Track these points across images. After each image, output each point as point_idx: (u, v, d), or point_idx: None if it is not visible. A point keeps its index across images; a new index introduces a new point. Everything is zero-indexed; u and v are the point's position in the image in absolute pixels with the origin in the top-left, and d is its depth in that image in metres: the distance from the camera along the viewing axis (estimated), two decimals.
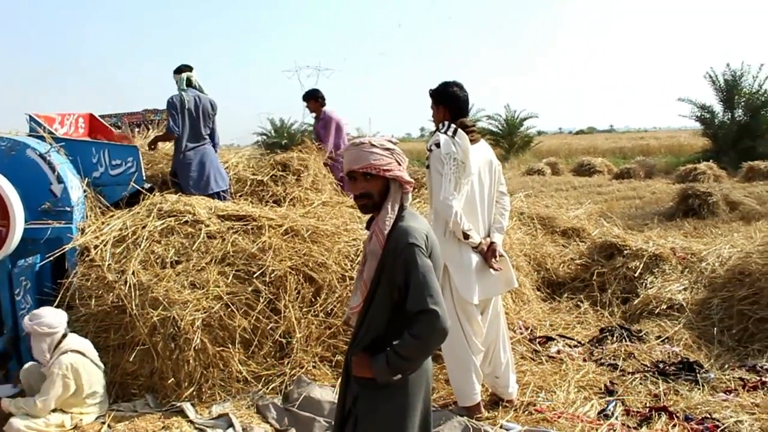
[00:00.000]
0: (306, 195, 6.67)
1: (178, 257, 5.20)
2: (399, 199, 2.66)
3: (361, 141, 2.69)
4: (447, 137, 4.20)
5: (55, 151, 5.67)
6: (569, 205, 10.60)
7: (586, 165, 25.07)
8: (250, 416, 4.55)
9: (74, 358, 4.44)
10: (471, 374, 4.35)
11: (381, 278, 2.60)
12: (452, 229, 4.20)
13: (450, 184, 4.13)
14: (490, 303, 4.52)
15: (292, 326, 4.99)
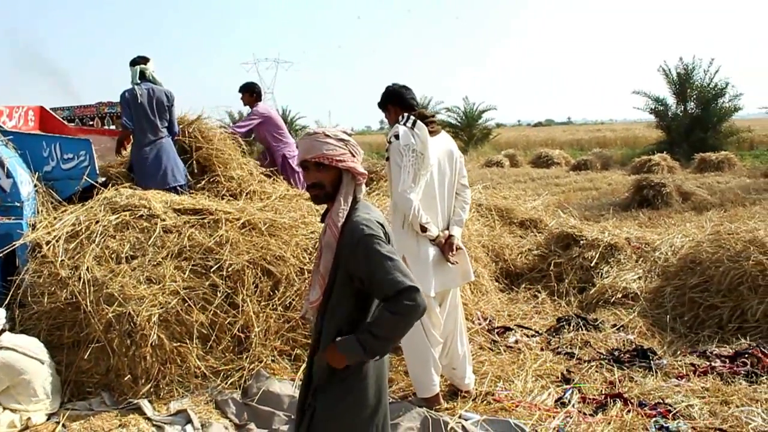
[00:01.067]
0: (263, 188, 6.61)
1: (133, 252, 5.10)
2: (352, 191, 2.65)
3: (315, 131, 2.68)
4: (406, 129, 4.22)
5: (3, 145, 5.56)
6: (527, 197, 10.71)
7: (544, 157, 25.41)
8: (209, 412, 4.50)
9: (3, 355, 4.36)
10: (429, 366, 4.37)
11: (338, 271, 2.59)
12: (410, 221, 4.21)
13: (408, 176, 4.14)
14: (448, 295, 4.54)
15: (251, 320, 4.95)
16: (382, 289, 2.46)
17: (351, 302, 2.60)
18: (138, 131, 6.35)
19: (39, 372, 4.47)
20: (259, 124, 7.94)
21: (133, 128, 6.38)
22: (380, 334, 2.44)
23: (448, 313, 4.54)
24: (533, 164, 25.01)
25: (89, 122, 9.11)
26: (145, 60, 6.47)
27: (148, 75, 6.43)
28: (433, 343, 4.39)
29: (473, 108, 35.90)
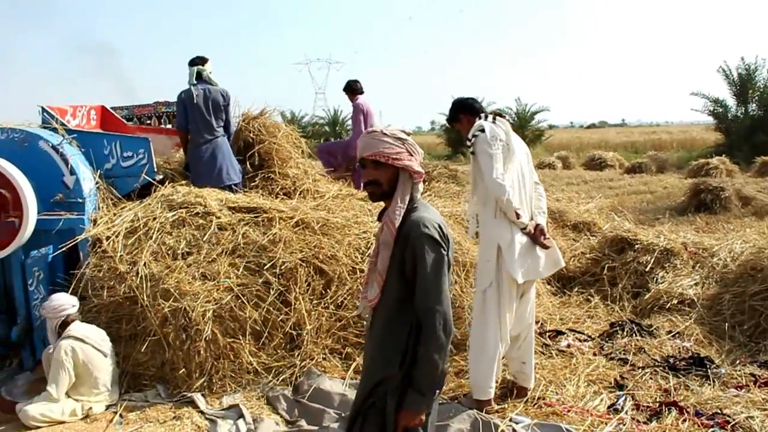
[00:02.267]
0: (316, 187, 6.67)
1: (189, 249, 5.22)
2: (409, 189, 2.66)
3: (374, 129, 2.71)
4: (489, 123, 4.34)
5: (68, 143, 5.70)
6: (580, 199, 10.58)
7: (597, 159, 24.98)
8: (261, 407, 4.57)
9: (72, 344, 4.50)
10: (494, 367, 4.37)
11: (393, 267, 2.62)
12: (504, 208, 4.23)
13: (499, 163, 4.21)
14: (530, 287, 4.54)
15: (303, 318, 5.01)
16: (416, 297, 2.54)
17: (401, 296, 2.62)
18: (194, 131, 6.46)
19: (103, 363, 4.62)
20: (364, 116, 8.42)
21: (188, 129, 6.51)
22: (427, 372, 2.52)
23: (524, 308, 4.53)
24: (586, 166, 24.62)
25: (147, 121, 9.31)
26: (202, 61, 6.58)
27: (204, 76, 6.53)
28: (503, 338, 4.37)
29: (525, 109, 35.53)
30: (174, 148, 7.30)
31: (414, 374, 2.56)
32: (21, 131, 5.57)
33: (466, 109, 4.57)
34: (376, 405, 2.68)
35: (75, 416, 4.45)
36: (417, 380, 2.55)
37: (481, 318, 4.32)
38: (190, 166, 6.53)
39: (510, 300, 4.35)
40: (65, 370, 4.43)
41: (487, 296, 4.32)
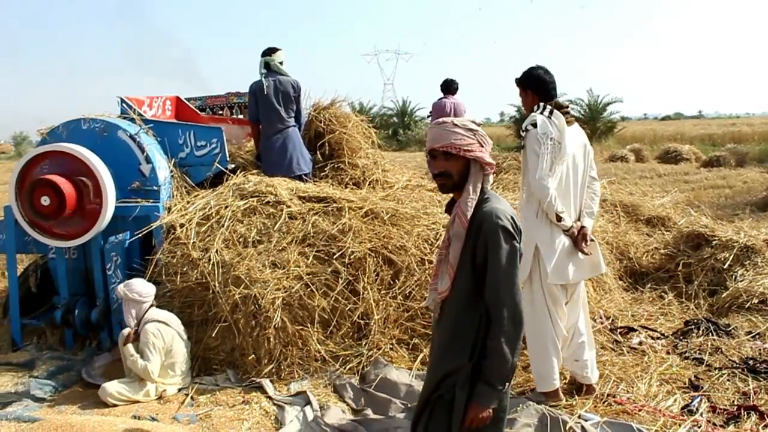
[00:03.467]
0: (386, 178, 6.67)
1: (259, 237, 5.30)
2: (480, 181, 2.63)
3: (444, 120, 2.69)
4: (544, 117, 4.19)
5: (144, 133, 5.86)
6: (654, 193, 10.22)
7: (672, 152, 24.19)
8: (327, 395, 4.61)
9: (158, 326, 4.66)
10: (552, 359, 4.30)
11: (464, 259, 2.60)
12: (545, 210, 4.15)
13: (546, 164, 4.10)
14: (576, 287, 4.45)
15: (371, 308, 5.02)
16: (488, 291, 2.53)
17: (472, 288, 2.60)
18: (265, 121, 6.54)
19: (180, 347, 4.75)
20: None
21: (259, 119, 6.59)
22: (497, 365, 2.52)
23: (573, 306, 4.45)
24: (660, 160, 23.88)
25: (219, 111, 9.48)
26: (272, 51, 6.62)
27: (273, 66, 6.57)
28: (559, 335, 4.31)
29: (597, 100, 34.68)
30: (246, 137, 7.41)
31: (483, 367, 2.55)
32: (101, 121, 5.75)
33: (537, 86, 4.36)
34: (444, 397, 2.67)
35: (149, 397, 4.59)
36: (486, 373, 2.54)
37: (531, 311, 4.24)
38: (261, 156, 6.62)
39: (556, 299, 4.28)
40: (156, 349, 4.59)
41: (533, 289, 4.26)
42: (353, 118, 7.13)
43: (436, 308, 2.79)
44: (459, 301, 2.63)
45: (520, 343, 2.56)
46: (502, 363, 2.50)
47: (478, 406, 2.55)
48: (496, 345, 2.50)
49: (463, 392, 2.60)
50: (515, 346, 2.52)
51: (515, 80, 4.45)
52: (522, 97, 4.46)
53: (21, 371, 5.08)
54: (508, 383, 2.59)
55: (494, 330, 2.51)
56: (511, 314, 2.49)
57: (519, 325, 2.52)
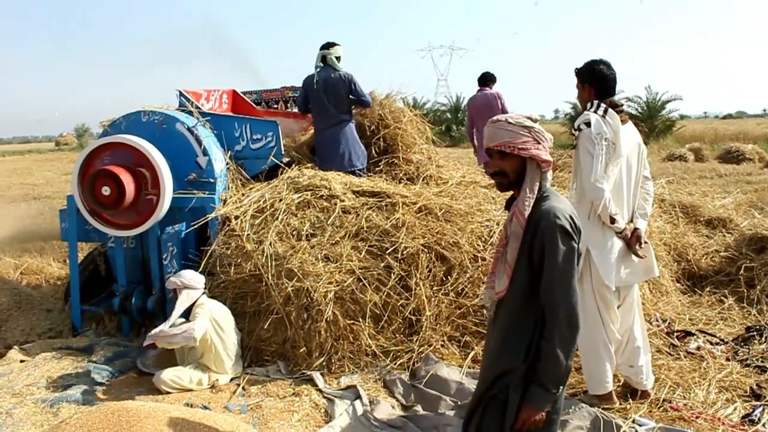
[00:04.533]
0: (440, 173, 6.63)
1: (313, 230, 5.32)
2: (537, 178, 2.59)
3: (498, 118, 2.65)
4: (598, 116, 4.04)
5: (202, 125, 5.95)
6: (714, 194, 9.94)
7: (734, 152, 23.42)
8: (377, 390, 4.60)
9: (214, 306, 4.79)
10: (605, 361, 4.21)
11: (521, 258, 2.57)
12: (599, 212, 4.05)
13: (600, 166, 3.97)
14: (629, 291, 4.34)
15: (423, 304, 5.00)
16: (543, 292, 2.50)
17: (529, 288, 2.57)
18: (316, 116, 6.56)
19: (231, 338, 4.82)
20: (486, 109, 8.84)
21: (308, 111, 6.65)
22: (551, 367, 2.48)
23: (627, 309, 4.34)
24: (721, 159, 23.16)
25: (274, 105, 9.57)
26: (331, 45, 6.62)
27: (330, 60, 6.57)
28: (611, 338, 4.21)
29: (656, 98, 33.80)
30: (300, 131, 7.45)
31: (537, 368, 2.52)
32: (160, 114, 5.85)
33: (596, 82, 4.21)
34: (497, 397, 2.64)
35: (201, 386, 4.66)
36: (540, 375, 2.50)
37: (582, 313, 4.14)
38: (315, 149, 6.65)
39: (608, 302, 4.18)
40: (205, 318, 4.67)
41: (584, 292, 4.15)
42: (408, 113, 7.10)
43: (492, 307, 2.76)
44: (515, 301, 2.60)
45: (575, 346, 2.52)
46: (555, 365, 2.46)
47: (530, 409, 2.52)
48: (549, 347, 2.47)
49: (517, 394, 2.57)
50: (569, 349, 2.48)
51: (575, 70, 4.30)
52: (579, 89, 4.32)
53: (80, 356, 5.22)
54: (562, 386, 2.55)
55: (548, 331, 2.48)
56: (566, 316, 2.45)
57: (574, 328, 2.48)
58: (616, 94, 4.26)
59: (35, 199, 16.09)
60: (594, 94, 4.19)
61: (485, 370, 2.78)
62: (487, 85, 9.71)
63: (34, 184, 20.13)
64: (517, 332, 2.58)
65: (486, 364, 2.80)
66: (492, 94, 9.51)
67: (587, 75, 4.25)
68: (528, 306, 2.56)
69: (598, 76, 4.21)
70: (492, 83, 9.72)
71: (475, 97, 9.68)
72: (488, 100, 9.42)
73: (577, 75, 4.29)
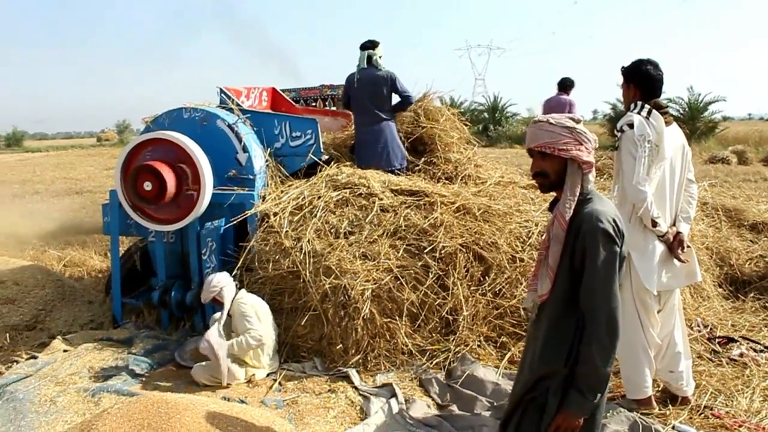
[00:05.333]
0: (478, 173, 6.59)
1: (351, 228, 5.34)
2: (579, 180, 2.54)
3: (540, 119, 2.62)
4: (641, 118, 3.96)
5: (242, 122, 6.00)
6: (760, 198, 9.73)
7: None
8: (413, 388, 4.59)
9: (252, 300, 4.82)
10: (644, 366, 4.14)
11: (563, 263, 2.53)
12: (640, 215, 3.98)
13: (643, 169, 3.89)
14: (670, 295, 4.26)
15: (460, 304, 4.97)
16: (583, 297, 2.46)
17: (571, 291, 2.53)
18: (357, 114, 6.59)
19: (269, 333, 4.86)
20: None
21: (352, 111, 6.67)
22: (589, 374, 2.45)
23: (667, 313, 4.26)
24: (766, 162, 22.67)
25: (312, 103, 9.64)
26: (372, 45, 6.61)
27: (374, 61, 6.59)
28: (651, 343, 4.14)
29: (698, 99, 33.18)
30: (339, 129, 7.48)
31: (575, 373, 2.48)
32: (201, 110, 5.91)
33: (642, 82, 4.12)
34: (537, 399, 2.62)
35: (238, 380, 4.70)
36: (578, 380, 2.47)
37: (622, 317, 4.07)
38: (354, 148, 6.66)
39: (648, 306, 4.11)
40: (253, 320, 4.73)
41: (624, 296, 4.08)
42: (446, 112, 7.09)
43: (534, 309, 2.73)
44: (557, 304, 2.57)
45: (615, 352, 2.47)
46: (592, 371, 2.43)
47: (567, 414, 2.49)
48: (588, 353, 2.43)
49: (556, 398, 2.54)
50: (608, 355, 2.43)
51: (621, 69, 4.22)
52: (623, 89, 4.24)
53: (120, 347, 5.30)
54: (600, 394, 2.50)
55: (587, 337, 2.44)
56: (605, 321, 2.41)
57: (614, 334, 2.43)
58: (661, 95, 4.18)
59: (77, 193, 16.40)
60: (639, 95, 4.11)
61: (525, 372, 2.76)
62: (566, 90, 10.17)
63: (76, 178, 20.54)
64: (559, 336, 2.55)
65: (526, 367, 2.77)
66: (566, 100, 9.91)
67: (633, 75, 4.16)
68: (570, 310, 2.53)
69: (644, 76, 4.12)
70: (570, 89, 10.18)
71: (551, 99, 9.99)
72: (561, 104, 9.74)
73: (623, 74, 4.21)
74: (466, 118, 7.83)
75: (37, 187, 18.09)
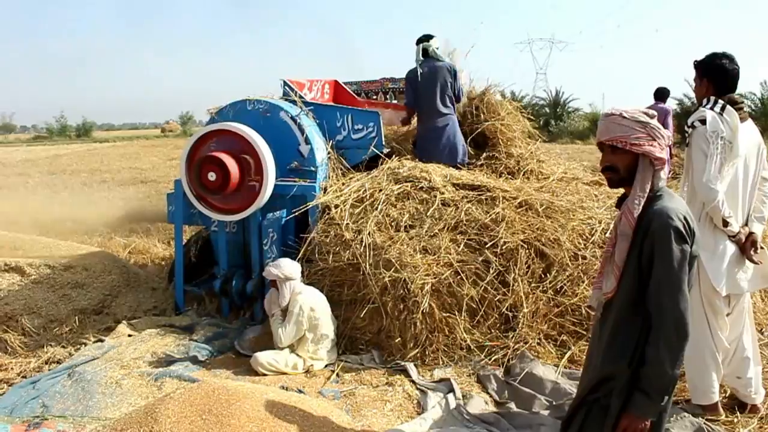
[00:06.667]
0: (540, 169, 6.50)
1: (411, 222, 5.32)
2: (649, 177, 2.47)
3: (612, 112, 2.54)
4: (714, 114, 3.81)
5: (305, 115, 6.04)
6: None
7: None
8: (471, 384, 4.55)
9: (310, 303, 4.83)
10: (711, 370, 4.01)
11: (630, 260, 2.47)
12: (710, 213, 3.85)
13: (715, 166, 3.75)
14: (740, 298, 4.11)
15: (520, 300, 4.91)
16: (651, 296, 2.39)
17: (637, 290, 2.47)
18: (420, 109, 6.55)
19: (327, 325, 4.90)
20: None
21: (413, 106, 6.62)
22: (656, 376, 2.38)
23: (737, 317, 4.11)
24: None
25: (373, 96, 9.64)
26: (428, 38, 6.59)
27: (431, 52, 6.56)
28: (719, 347, 4.00)
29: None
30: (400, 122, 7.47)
31: (641, 375, 2.42)
32: (265, 102, 5.98)
33: (716, 77, 3.95)
34: (600, 401, 2.56)
35: (296, 370, 4.75)
36: (643, 381, 2.40)
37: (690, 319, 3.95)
38: (418, 143, 6.63)
39: (717, 309, 3.96)
40: (297, 323, 4.77)
41: (692, 297, 3.94)
42: (507, 106, 7.01)
43: (599, 308, 2.67)
44: (623, 303, 2.51)
45: (683, 354, 2.40)
46: (659, 373, 2.36)
47: (632, 416, 2.43)
48: (654, 354, 2.36)
49: (619, 400, 2.48)
50: (676, 358, 2.36)
51: (694, 63, 4.08)
52: (696, 83, 4.09)
53: (182, 334, 5.41)
54: (667, 396, 2.43)
55: (654, 338, 2.37)
56: (674, 323, 2.34)
57: (682, 336, 2.35)
58: (736, 90, 4.03)
59: (142, 182, 16.82)
60: (712, 90, 3.96)
61: (589, 371, 2.71)
62: (662, 99, 10.84)
63: (141, 168, 21.07)
64: (624, 335, 2.49)
65: (590, 365, 2.72)
66: (663, 109, 10.51)
67: (706, 69, 4.00)
68: (636, 309, 2.47)
69: (719, 70, 3.95)
70: (666, 97, 10.99)
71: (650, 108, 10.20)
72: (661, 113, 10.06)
73: (696, 68, 4.06)
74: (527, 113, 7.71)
75: (104, 177, 18.64)
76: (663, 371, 2.35)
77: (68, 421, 3.96)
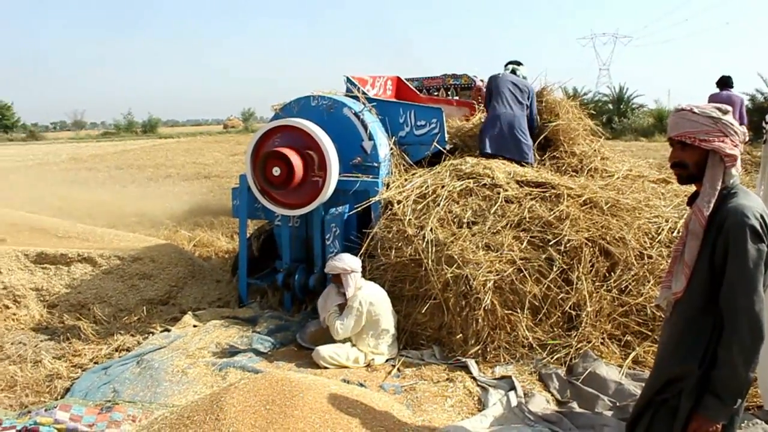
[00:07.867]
0: (605, 166, 6.39)
1: (474, 218, 5.30)
2: (720, 174, 2.40)
3: (683, 107, 2.48)
4: None
5: (368, 111, 6.08)
6: None
7: None
8: (532, 382, 4.52)
9: (370, 298, 4.87)
10: None
11: (701, 259, 2.41)
12: None
13: None
14: None
15: (583, 299, 4.83)
16: (724, 296, 2.33)
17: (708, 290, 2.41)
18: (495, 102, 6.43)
19: (388, 320, 4.93)
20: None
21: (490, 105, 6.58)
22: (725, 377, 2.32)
23: None
24: None
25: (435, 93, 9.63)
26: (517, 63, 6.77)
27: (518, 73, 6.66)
28: None
29: None
30: (462, 119, 7.45)
31: (712, 377, 2.36)
32: (328, 98, 6.04)
33: None
34: (669, 402, 2.51)
35: (357, 364, 4.80)
36: (715, 384, 2.34)
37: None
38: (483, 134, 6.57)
39: None
40: (354, 318, 4.81)
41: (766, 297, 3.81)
42: (568, 104, 6.92)
43: (668, 307, 2.62)
44: (693, 303, 2.45)
45: (758, 356, 2.32)
46: (732, 376, 2.30)
47: (703, 419, 2.37)
48: (727, 356, 2.30)
49: (689, 402, 2.42)
50: (750, 360, 2.30)
51: None
52: None
53: (245, 326, 5.52)
54: (740, 400, 2.36)
55: (727, 339, 2.31)
56: (748, 324, 2.27)
57: (757, 338, 2.29)
58: None
59: (206, 177, 17.16)
60: None
61: (657, 371, 2.66)
62: (727, 87, 10.60)
63: (204, 163, 21.49)
64: (693, 336, 2.44)
65: (658, 365, 2.67)
66: (737, 96, 10.50)
67: None
68: (707, 309, 2.41)
69: None
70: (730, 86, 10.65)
71: (720, 95, 10.21)
72: (732, 100, 10.02)
73: None
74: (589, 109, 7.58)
75: (169, 171, 19.09)
76: (736, 374, 2.29)
77: (137, 407, 4.10)
